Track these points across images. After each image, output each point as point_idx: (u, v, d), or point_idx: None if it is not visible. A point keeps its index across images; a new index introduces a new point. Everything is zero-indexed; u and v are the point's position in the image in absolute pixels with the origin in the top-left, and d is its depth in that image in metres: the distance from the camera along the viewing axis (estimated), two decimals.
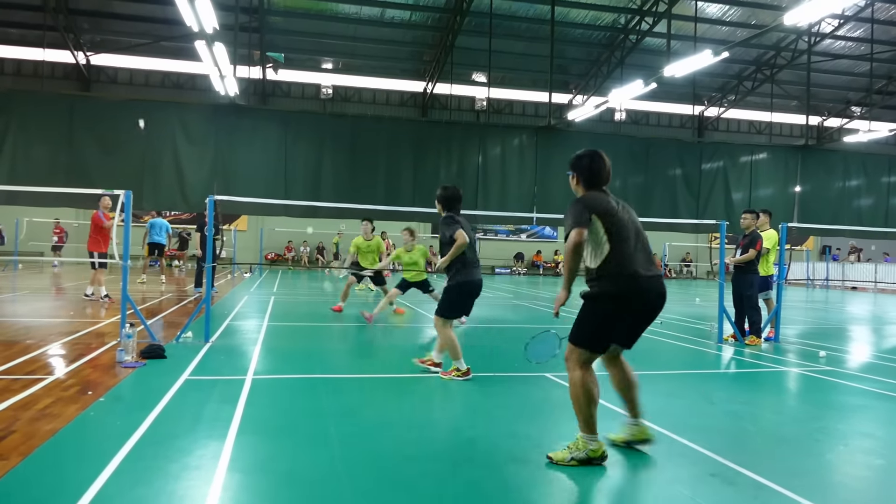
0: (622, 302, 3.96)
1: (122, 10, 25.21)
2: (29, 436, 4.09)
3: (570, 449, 3.97)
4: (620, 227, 4.00)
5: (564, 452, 3.97)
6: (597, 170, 4.21)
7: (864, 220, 21.87)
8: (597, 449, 3.95)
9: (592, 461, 3.92)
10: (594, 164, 4.22)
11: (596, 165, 4.21)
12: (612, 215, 4.01)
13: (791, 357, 8.43)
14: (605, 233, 3.96)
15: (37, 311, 11.25)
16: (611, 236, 3.97)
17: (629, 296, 3.96)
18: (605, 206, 4.02)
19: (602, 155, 4.25)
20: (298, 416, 4.88)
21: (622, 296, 3.95)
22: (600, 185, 4.22)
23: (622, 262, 3.96)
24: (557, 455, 3.98)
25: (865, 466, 4.20)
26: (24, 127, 16.35)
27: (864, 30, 26.94)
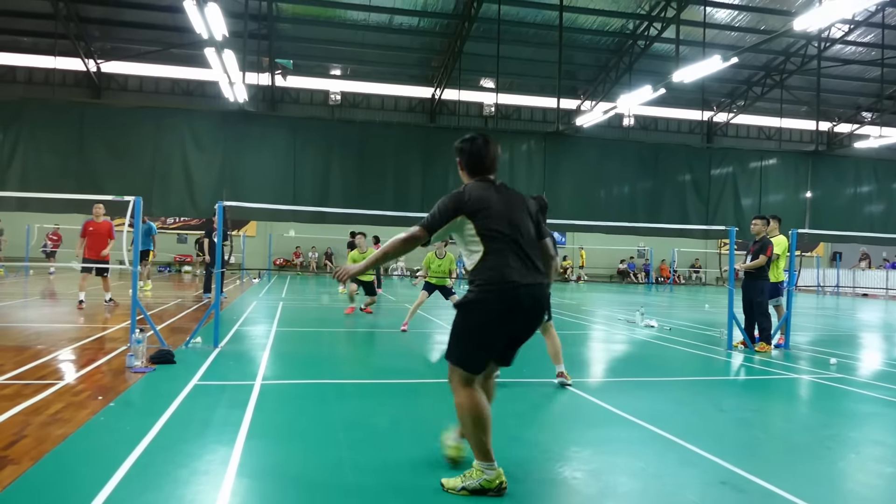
0: (494, 312, 3.46)
1: (132, 18, 25.40)
2: (40, 440, 4.11)
3: (465, 477, 3.52)
4: (494, 226, 3.51)
5: (456, 480, 3.54)
6: (479, 154, 3.73)
7: (876, 226, 21.75)
8: (492, 479, 3.47)
9: (487, 492, 3.46)
10: (474, 147, 3.73)
11: (476, 149, 3.73)
12: (486, 211, 3.51)
13: (801, 364, 8.38)
14: (477, 234, 3.53)
15: (47, 316, 11.32)
16: (483, 237, 3.52)
17: (500, 306, 3.45)
18: (479, 204, 3.53)
19: (488, 139, 3.76)
20: (307, 422, 4.89)
21: (493, 306, 3.45)
22: (484, 173, 3.74)
23: (495, 267, 3.48)
24: (449, 483, 3.56)
25: (877, 475, 4.17)
26: (36, 134, 16.50)
27: (874, 35, 26.82)
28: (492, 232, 3.49)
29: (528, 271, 3.52)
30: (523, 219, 3.64)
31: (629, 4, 25.21)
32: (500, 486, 3.49)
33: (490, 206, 3.53)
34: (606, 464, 4.15)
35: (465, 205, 3.52)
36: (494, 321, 3.46)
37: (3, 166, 16.41)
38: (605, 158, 20.60)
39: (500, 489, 3.49)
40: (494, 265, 3.47)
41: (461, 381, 3.54)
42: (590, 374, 7.13)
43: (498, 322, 3.46)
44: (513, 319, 3.48)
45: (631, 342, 10.23)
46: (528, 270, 3.51)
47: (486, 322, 3.46)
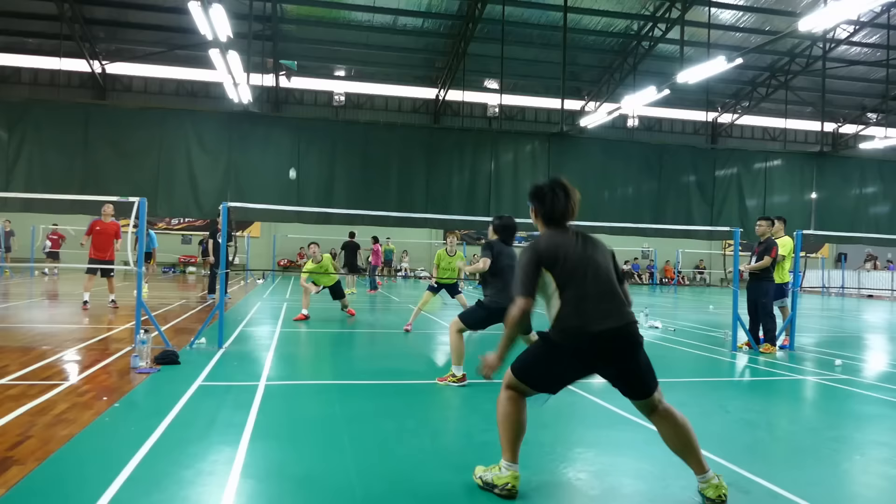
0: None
1: (137, 20, 25.49)
2: (45, 441, 4.13)
3: (488, 469, 3.66)
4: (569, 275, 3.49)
5: (482, 469, 3.69)
6: (552, 203, 3.69)
7: (882, 227, 21.67)
8: (503, 478, 3.55)
9: (493, 488, 3.54)
10: (551, 195, 3.70)
11: (551, 197, 3.70)
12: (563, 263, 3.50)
13: (806, 365, 8.36)
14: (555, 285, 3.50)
15: (52, 317, 11.35)
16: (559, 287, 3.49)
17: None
18: (555, 255, 3.51)
19: (565, 185, 3.70)
20: (311, 422, 4.89)
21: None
22: (559, 222, 3.70)
23: (570, 314, 3.48)
24: (478, 470, 3.72)
25: (882, 476, 4.15)
26: (41, 135, 16.54)
27: (879, 36, 26.75)
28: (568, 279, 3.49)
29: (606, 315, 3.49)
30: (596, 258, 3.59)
31: (633, 5, 25.19)
32: (506, 487, 3.51)
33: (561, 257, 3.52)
34: (610, 465, 4.14)
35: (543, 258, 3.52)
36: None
37: (8, 167, 16.45)
38: (610, 159, 20.56)
39: (506, 489, 3.51)
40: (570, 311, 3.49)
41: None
42: None
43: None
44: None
45: None
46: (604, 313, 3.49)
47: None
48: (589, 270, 3.51)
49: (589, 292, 3.47)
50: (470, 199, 18.88)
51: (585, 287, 3.48)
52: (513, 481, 3.54)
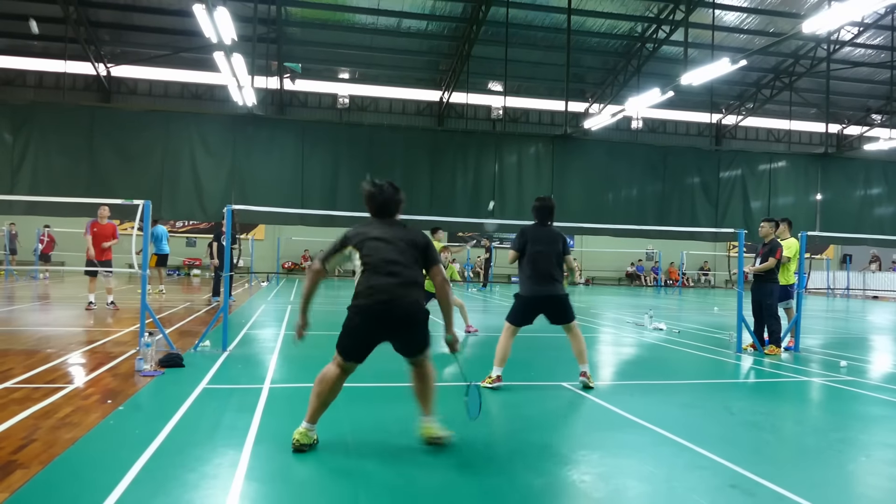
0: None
1: (142, 22, 25.56)
2: (49, 444, 4.13)
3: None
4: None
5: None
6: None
7: (886, 228, 21.60)
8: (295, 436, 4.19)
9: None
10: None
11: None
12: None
13: (811, 367, 8.33)
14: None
15: (57, 320, 11.38)
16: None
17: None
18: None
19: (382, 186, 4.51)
20: (316, 426, 4.88)
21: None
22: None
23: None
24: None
25: (888, 477, 4.14)
26: (46, 138, 16.61)
27: (884, 37, 26.69)
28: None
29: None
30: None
31: (637, 7, 25.18)
32: (296, 443, 4.14)
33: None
34: (615, 467, 4.13)
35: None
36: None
37: (13, 170, 16.53)
38: (614, 161, 20.58)
39: (295, 445, 4.14)
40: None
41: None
42: (598, 377, 7.10)
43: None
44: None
45: (640, 345, 10.19)
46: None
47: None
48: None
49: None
50: (474, 201, 18.90)
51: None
52: (302, 438, 4.17)
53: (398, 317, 4.21)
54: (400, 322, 4.25)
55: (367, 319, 4.22)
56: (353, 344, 4.31)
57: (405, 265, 4.27)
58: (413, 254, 4.35)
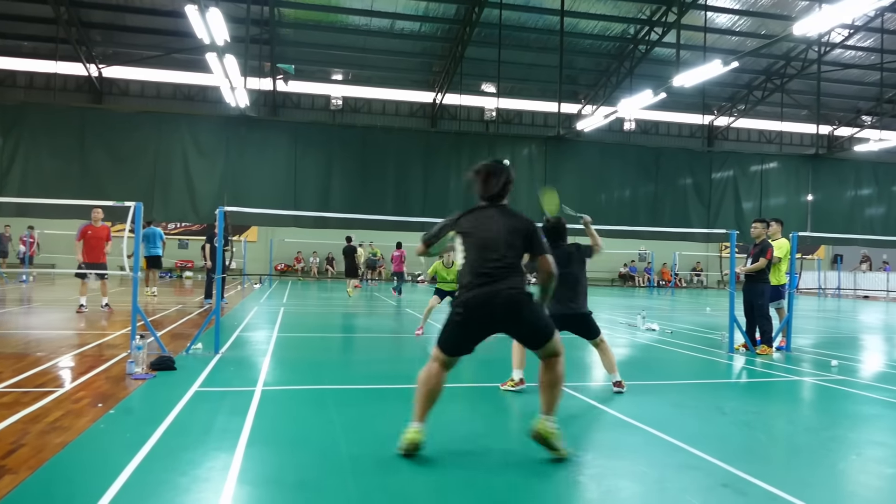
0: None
1: (134, 23, 25.47)
2: (38, 449, 4.10)
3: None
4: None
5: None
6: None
7: (876, 228, 21.73)
8: (405, 436, 4.16)
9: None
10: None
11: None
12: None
13: (803, 366, 8.36)
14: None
15: (48, 323, 11.31)
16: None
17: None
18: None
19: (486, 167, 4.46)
20: (308, 428, 4.88)
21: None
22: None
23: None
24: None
25: (878, 476, 4.16)
26: (36, 139, 16.52)
27: (874, 39, 26.85)
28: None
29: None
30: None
31: (630, 9, 25.26)
32: (407, 443, 4.11)
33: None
34: (608, 467, 4.14)
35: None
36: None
37: (2, 171, 16.41)
38: (607, 162, 20.62)
39: (407, 446, 4.11)
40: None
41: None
42: (591, 378, 7.11)
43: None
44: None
45: (632, 346, 10.21)
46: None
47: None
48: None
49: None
50: (467, 203, 18.77)
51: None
52: (414, 436, 4.13)
53: (500, 306, 4.11)
54: (503, 312, 4.12)
55: (469, 312, 4.13)
56: (456, 339, 4.23)
57: (505, 252, 4.19)
58: (516, 241, 4.25)
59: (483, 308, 4.11)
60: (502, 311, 4.11)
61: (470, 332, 4.20)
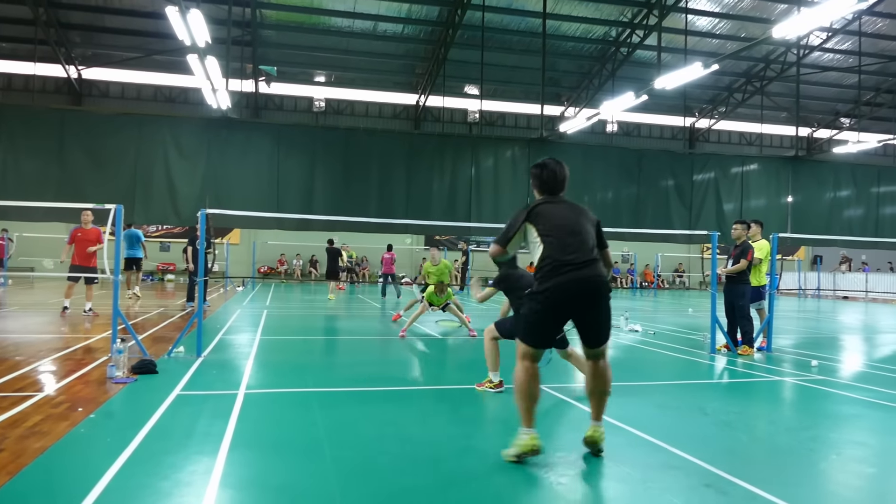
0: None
1: (113, 24, 25.22)
2: (17, 454, 4.05)
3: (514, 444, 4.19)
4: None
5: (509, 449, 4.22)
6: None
7: (855, 229, 21.99)
8: (525, 443, 4.12)
9: (525, 455, 4.12)
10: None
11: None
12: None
13: (784, 367, 8.45)
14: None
15: (26, 327, 11.17)
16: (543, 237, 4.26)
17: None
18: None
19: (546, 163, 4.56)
20: (291, 431, 4.85)
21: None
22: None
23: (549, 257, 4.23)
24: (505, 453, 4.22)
25: (858, 475, 4.21)
26: (14, 141, 16.29)
27: (851, 42, 27.22)
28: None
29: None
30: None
31: (612, 12, 25.42)
32: (532, 448, 4.11)
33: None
34: (591, 468, 4.15)
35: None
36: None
37: None
38: (589, 164, 20.67)
39: (531, 450, 4.11)
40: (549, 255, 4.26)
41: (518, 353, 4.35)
42: (574, 379, 7.14)
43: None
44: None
45: (615, 347, 10.26)
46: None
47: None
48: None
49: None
50: (451, 205, 18.88)
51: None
52: (533, 442, 4.11)
53: (590, 291, 4.14)
54: (592, 297, 4.16)
55: (558, 295, 4.11)
56: (544, 328, 4.24)
57: (590, 241, 4.28)
58: (593, 231, 4.37)
59: (573, 292, 4.11)
60: (591, 296, 4.15)
61: (557, 318, 4.23)
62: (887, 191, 22.76)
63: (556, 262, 4.13)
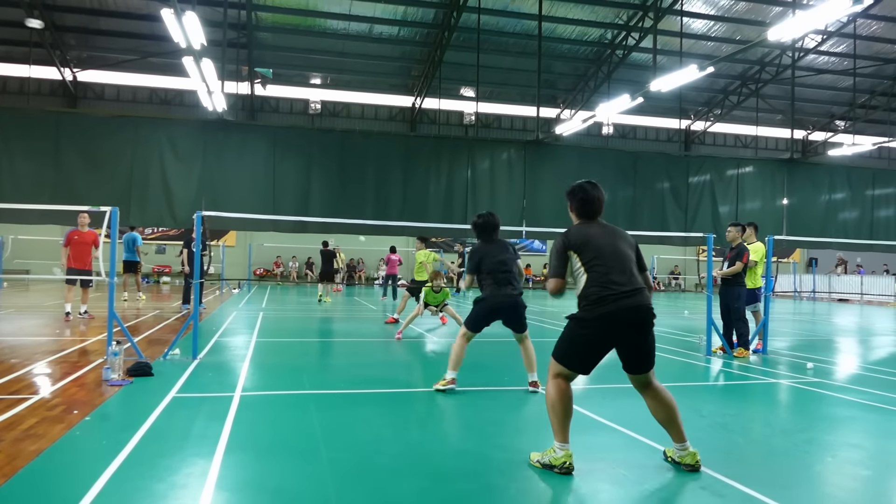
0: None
1: (108, 27, 25.18)
2: (13, 457, 4.04)
3: (546, 453, 4.16)
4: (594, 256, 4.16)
5: (537, 454, 4.21)
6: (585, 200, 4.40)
7: (850, 232, 22.07)
8: (560, 458, 4.06)
9: (553, 468, 4.05)
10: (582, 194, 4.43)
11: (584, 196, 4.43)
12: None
13: (779, 369, 8.47)
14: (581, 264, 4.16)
15: (22, 329, 11.13)
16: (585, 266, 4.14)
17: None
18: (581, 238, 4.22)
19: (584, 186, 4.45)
20: (287, 433, 4.85)
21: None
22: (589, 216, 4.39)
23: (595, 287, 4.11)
24: (533, 456, 4.22)
25: (853, 477, 4.22)
26: (9, 144, 16.26)
27: (846, 45, 27.33)
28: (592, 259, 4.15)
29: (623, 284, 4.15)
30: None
31: (607, 15, 25.48)
32: (564, 465, 4.03)
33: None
34: (587, 471, 4.15)
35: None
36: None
37: None
38: (585, 166, 20.69)
39: (564, 467, 4.02)
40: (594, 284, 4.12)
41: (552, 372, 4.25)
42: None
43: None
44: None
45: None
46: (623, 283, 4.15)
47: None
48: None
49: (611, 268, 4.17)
50: (447, 207, 18.89)
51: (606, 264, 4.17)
52: (568, 459, 4.03)
53: (640, 320, 4.09)
54: (639, 327, 4.10)
55: (608, 327, 4.03)
56: (587, 356, 4.13)
57: (633, 267, 4.19)
58: (632, 254, 4.27)
59: (623, 321, 4.04)
60: (640, 326, 4.09)
61: (603, 347, 4.12)
62: (882, 193, 22.86)
63: (604, 291, 4.03)
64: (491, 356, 9.49)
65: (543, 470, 4.06)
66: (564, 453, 4.05)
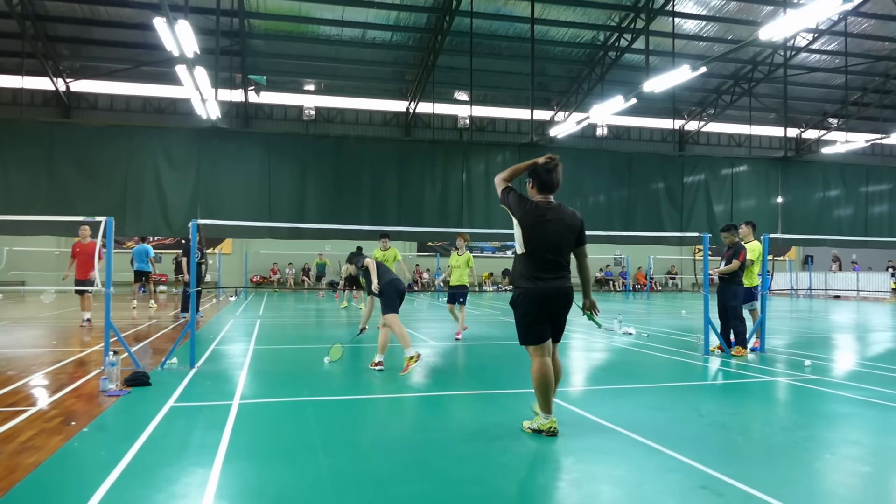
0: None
1: (101, 36, 25.15)
2: (10, 469, 4.02)
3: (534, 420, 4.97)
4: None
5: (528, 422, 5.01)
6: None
7: (844, 229, 22.15)
8: (546, 424, 4.87)
9: (542, 432, 4.85)
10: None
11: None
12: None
13: (777, 367, 8.48)
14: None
15: (18, 341, 11.10)
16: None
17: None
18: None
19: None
20: (286, 441, 4.84)
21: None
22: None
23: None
24: (525, 423, 5.03)
25: (853, 474, 4.22)
26: (3, 155, 16.25)
27: (838, 43, 27.44)
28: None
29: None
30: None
31: (600, 16, 25.55)
32: (550, 429, 4.83)
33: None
34: (587, 472, 4.15)
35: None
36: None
37: None
38: (580, 168, 20.76)
39: (551, 431, 4.83)
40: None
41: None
42: (569, 383, 7.14)
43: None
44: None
45: (609, 350, 10.28)
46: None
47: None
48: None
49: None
50: (442, 211, 18.92)
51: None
52: (553, 425, 4.84)
53: (565, 297, 4.92)
54: (566, 302, 4.95)
55: (543, 300, 4.84)
56: (538, 328, 4.85)
57: (568, 249, 4.97)
58: (573, 237, 4.98)
59: (552, 298, 4.84)
60: (566, 301, 4.93)
61: (545, 317, 4.85)
62: (876, 190, 22.96)
63: (541, 269, 4.87)
64: (489, 359, 9.49)
65: (534, 434, 4.89)
66: (549, 421, 4.84)
